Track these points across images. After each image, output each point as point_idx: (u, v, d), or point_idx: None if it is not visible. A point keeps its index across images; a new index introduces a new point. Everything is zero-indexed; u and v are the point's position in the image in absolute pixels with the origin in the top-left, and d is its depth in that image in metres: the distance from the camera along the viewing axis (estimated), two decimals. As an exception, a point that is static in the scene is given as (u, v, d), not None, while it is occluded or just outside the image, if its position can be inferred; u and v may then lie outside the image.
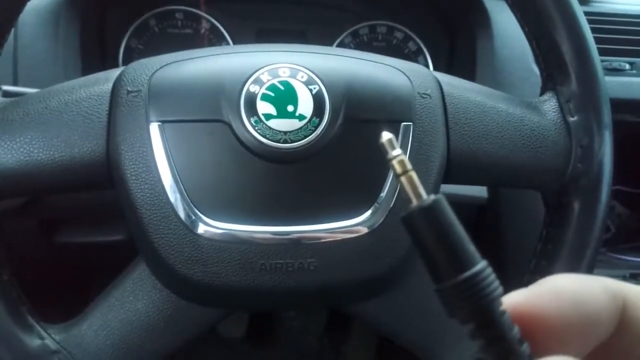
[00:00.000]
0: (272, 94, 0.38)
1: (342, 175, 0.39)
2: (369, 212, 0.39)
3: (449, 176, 0.42)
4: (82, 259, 0.69)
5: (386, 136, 0.19)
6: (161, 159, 0.38)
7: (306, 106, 0.38)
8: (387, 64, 0.43)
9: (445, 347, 0.44)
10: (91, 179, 0.39)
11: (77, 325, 0.41)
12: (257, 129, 0.37)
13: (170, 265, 0.38)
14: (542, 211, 0.48)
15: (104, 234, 0.60)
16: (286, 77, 0.38)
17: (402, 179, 0.18)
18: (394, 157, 0.18)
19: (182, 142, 0.38)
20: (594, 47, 0.44)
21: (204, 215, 0.38)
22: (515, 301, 0.18)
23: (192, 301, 0.41)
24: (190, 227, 0.37)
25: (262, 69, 0.39)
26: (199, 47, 0.46)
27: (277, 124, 0.37)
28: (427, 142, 0.40)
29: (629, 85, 0.67)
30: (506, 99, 0.45)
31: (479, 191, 0.58)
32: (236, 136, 0.38)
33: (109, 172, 0.38)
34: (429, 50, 0.76)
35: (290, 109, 0.38)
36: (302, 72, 0.39)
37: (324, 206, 0.39)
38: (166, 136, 0.38)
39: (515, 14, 0.46)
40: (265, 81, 0.38)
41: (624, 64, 0.68)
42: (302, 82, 0.38)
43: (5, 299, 0.39)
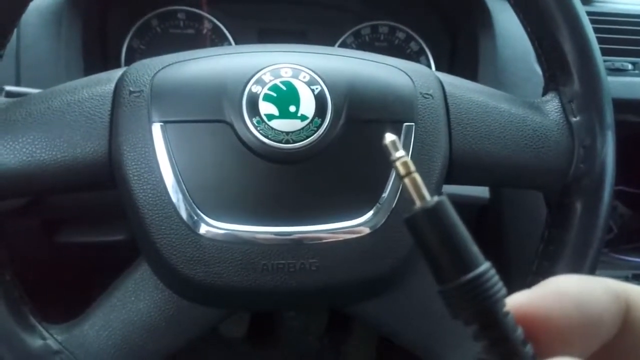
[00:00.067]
0: (274, 94, 0.38)
1: (344, 175, 0.39)
2: (371, 212, 0.39)
3: (451, 176, 0.42)
4: (84, 259, 0.69)
5: (389, 138, 0.19)
6: (163, 159, 0.38)
7: (308, 106, 0.38)
8: (389, 64, 0.43)
9: (446, 347, 0.44)
10: (93, 179, 0.39)
11: (79, 325, 0.41)
12: (259, 129, 0.37)
13: (172, 265, 0.38)
14: (544, 212, 0.48)
15: (106, 234, 0.60)
16: (288, 78, 0.38)
17: (405, 181, 0.18)
18: (398, 159, 0.18)
19: (184, 143, 0.38)
20: (596, 47, 0.44)
21: (206, 215, 0.38)
22: (518, 302, 0.18)
23: (193, 301, 0.41)
24: (192, 228, 0.37)
25: (264, 69, 0.39)
26: (201, 47, 0.46)
27: (279, 124, 0.37)
28: (429, 143, 0.40)
29: (631, 85, 0.67)
30: (508, 99, 0.45)
31: (481, 191, 0.58)
32: (238, 136, 0.38)
33: (111, 173, 0.38)
34: (431, 50, 0.76)
35: (292, 109, 0.38)
36: (304, 72, 0.39)
37: (325, 206, 0.39)
38: (168, 136, 0.38)
39: (517, 13, 0.46)
40: (267, 81, 0.38)
41: (626, 64, 0.68)
42: (304, 83, 0.38)
43: (7, 299, 0.39)
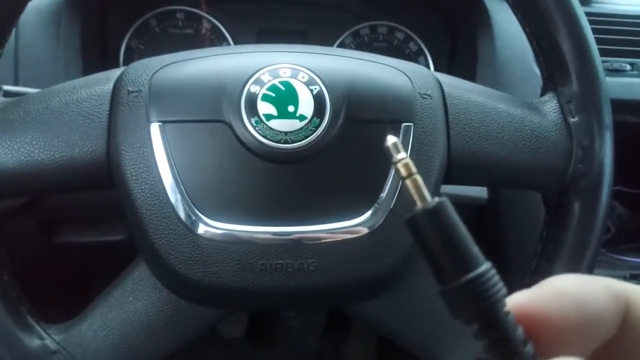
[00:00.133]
0: (273, 95, 0.38)
1: (343, 175, 0.39)
2: (370, 212, 0.39)
3: (450, 177, 0.42)
4: (82, 259, 0.68)
5: (391, 140, 0.19)
6: (162, 159, 0.37)
7: (307, 106, 0.38)
8: (388, 65, 0.43)
9: (445, 347, 0.44)
10: (92, 179, 0.39)
11: (76, 325, 0.41)
12: (257, 129, 0.37)
13: (170, 265, 0.38)
14: (542, 212, 0.48)
15: (104, 234, 0.60)
16: (287, 78, 0.38)
17: (407, 182, 0.18)
18: (400, 160, 0.18)
19: (183, 143, 0.38)
20: (595, 47, 0.44)
21: (204, 215, 0.38)
22: (518, 302, 0.18)
23: (192, 301, 0.41)
24: (190, 228, 0.37)
25: (262, 69, 0.39)
26: (200, 47, 0.46)
27: (278, 125, 0.37)
28: (428, 143, 0.40)
29: (629, 86, 0.67)
30: (507, 99, 0.45)
31: (480, 192, 0.58)
32: (237, 136, 0.38)
33: (109, 172, 0.38)
34: (430, 50, 0.76)
35: (290, 109, 0.38)
36: (303, 72, 0.39)
37: (324, 206, 0.39)
38: (167, 136, 0.38)
39: (516, 14, 0.46)
40: (266, 81, 0.38)
41: (624, 65, 0.68)
42: (303, 83, 0.38)
43: (5, 299, 0.39)
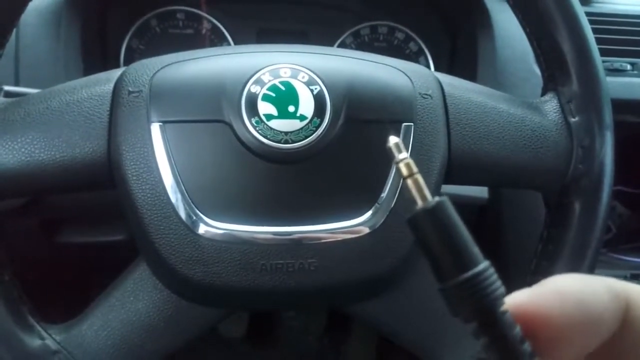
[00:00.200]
0: (273, 95, 0.38)
1: (343, 175, 0.39)
2: (370, 212, 0.39)
3: (450, 176, 0.42)
4: (82, 259, 0.69)
5: (393, 140, 0.19)
6: (162, 160, 0.38)
7: (307, 106, 0.38)
8: (388, 65, 0.43)
9: (445, 347, 0.44)
10: (92, 179, 0.39)
11: (77, 325, 0.41)
12: (258, 129, 0.37)
13: (171, 265, 0.38)
14: (543, 212, 0.48)
15: (105, 234, 0.60)
16: (287, 78, 0.38)
17: (408, 182, 0.19)
18: (401, 160, 0.19)
19: (183, 143, 0.38)
20: (595, 47, 0.44)
21: (205, 215, 0.38)
22: (518, 301, 0.18)
23: (192, 301, 0.41)
24: (191, 228, 0.37)
25: (263, 69, 0.39)
26: (200, 47, 0.46)
27: (278, 125, 0.37)
28: (428, 143, 0.40)
29: (630, 85, 0.67)
30: (507, 99, 0.45)
31: (480, 192, 0.58)
32: (237, 136, 0.38)
33: (110, 173, 0.38)
34: (430, 50, 0.76)
35: (291, 109, 0.38)
36: (303, 72, 0.39)
37: (324, 206, 0.39)
38: (167, 136, 0.38)
39: (516, 14, 0.46)
40: (266, 81, 0.38)
41: (625, 65, 0.68)
42: (303, 83, 0.38)
43: (6, 299, 0.39)
